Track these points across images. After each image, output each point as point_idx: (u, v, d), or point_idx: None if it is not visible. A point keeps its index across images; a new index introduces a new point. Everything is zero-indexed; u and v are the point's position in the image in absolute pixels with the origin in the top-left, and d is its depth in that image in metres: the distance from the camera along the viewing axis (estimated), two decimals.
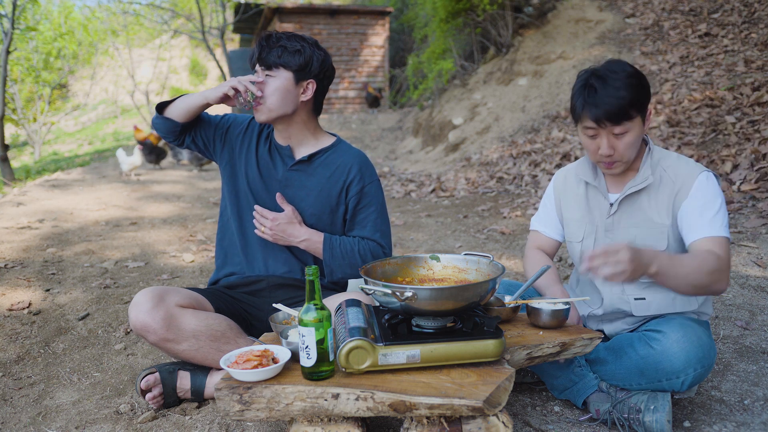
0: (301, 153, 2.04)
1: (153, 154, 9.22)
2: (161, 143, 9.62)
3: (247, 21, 17.31)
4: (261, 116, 1.95)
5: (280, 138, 2.05)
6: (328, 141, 2.07)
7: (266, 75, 1.92)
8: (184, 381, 1.87)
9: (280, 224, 1.94)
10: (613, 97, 1.60)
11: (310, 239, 1.96)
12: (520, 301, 1.79)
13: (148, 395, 1.84)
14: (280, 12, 14.73)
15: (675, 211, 1.71)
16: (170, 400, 1.87)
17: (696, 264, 1.55)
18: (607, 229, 1.81)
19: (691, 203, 1.67)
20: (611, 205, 1.80)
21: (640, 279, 1.53)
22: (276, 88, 1.91)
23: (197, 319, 1.75)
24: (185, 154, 9.66)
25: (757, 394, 1.88)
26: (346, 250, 1.96)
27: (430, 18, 10.70)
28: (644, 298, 1.77)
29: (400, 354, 1.40)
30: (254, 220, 1.98)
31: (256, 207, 1.97)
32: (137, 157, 8.14)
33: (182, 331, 1.73)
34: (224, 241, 2.11)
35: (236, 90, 1.88)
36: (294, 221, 1.95)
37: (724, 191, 4.20)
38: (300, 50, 1.92)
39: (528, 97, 8.35)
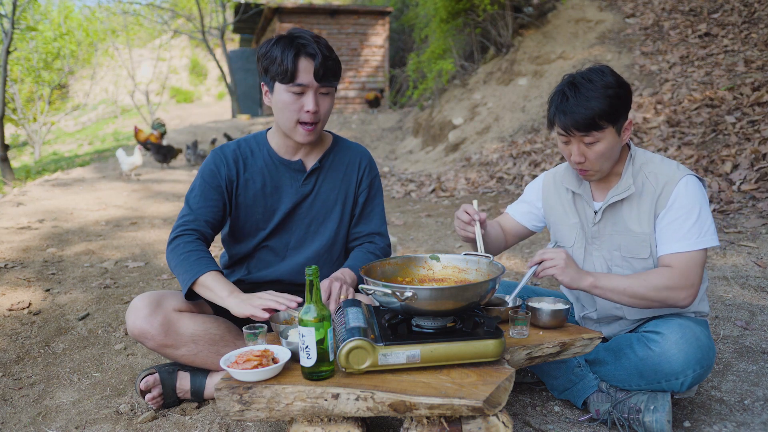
0: (310, 162, 1.97)
1: (160, 153, 9.25)
2: (166, 142, 9.63)
3: (247, 21, 17.33)
4: (314, 138, 1.86)
5: (290, 154, 1.95)
6: (328, 140, 2.05)
7: (321, 93, 1.80)
8: (183, 381, 1.86)
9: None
10: (582, 107, 1.61)
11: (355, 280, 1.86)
12: (520, 301, 1.79)
13: (148, 396, 1.83)
14: (280, 12, 14.73)
15: (655, 219, 1.70)
16: (170, 400, 1.86)
17: (638, 279, 1.61)
18: (594, 236, 1.82)
19: (668, 214, 1.67)
20: (595, 213, 1.80)
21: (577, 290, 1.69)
22: (331, 105, 1.85)
23: (195, 324, 1.74)
24: (190, 155, 9.66)
25: (757, 394, 1.88)
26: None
27: (431, 18, 10.71)
28: None
29: (400, 354, 1.40)
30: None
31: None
32: (137, 156, 8.14)
33: (181, 336, 1.72)
34: (232, 249, 2.06)
35: (271, 310, 1.59)
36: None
37: (723, 191, 4.20)
38: (339, 61, 1.84)
39: (528, 97, 8.35)
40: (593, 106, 1.60)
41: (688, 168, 1.74)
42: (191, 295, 1.74)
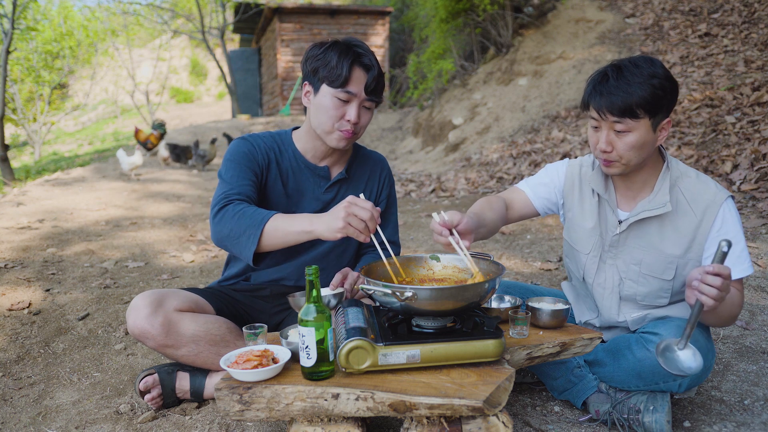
0: (336, 170, 1.96)
1: (175, 153, 9.38)
2: (163, 139, 9.62)
3: (247, 21, 17.33)
4: (348, 145, 1.84)
5: (318, 159, 1.93)
6: (350, 148, 2.02)
7: (365, 106, 1.80)
8: (183, 382, 1.86)
9: None
10: (622, 90, 1.52)
11: None
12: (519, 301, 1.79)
13: (147, 396, 1.83)
14: (280, 12, 14.73)
15: (697, 244, 1.64)
16: (169, 400, 1.86)
17: (729, 306, 1.57)
18: (612, 245, 1.74)
19: (716, 241, 1.61)
20: (620, 222, 1.72)
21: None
22: (370, 120, 1.85)
23: (196, 324, 1.74)
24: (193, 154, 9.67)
25: (757, 394, 1.88)
26: None
27: (430, 18, 10.71)
28: (640, 314, 1.77)
29: (400, 354, 1.40)
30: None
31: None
32: (138, 156, 8.16)
33: (181, 336, 1.72)
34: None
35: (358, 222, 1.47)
36: None
37: (731, 194, 4.21)
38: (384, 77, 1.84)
39: (528, 97, 8.35)
40: (633, 90, 1.51)
41: (722, 187, 1.67)
42: (258, 259, 1.63)
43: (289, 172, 1.92)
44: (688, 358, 1.44)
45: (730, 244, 1.37)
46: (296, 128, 1.98)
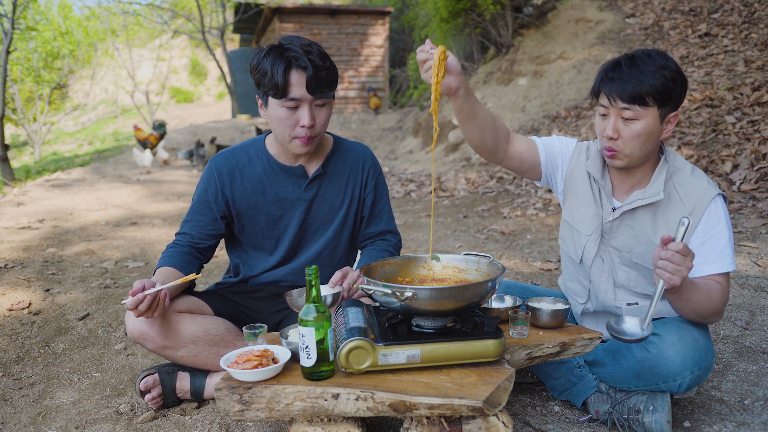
0: (312, 167, 1.94)
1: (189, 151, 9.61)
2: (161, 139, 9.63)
3: (247, 21, 17.33)
4: (312, 149, 1.83)
5: (291, 160, 1.91)
6: (328, 144, 2.00)
7: (317, 105, 1.75)
8: (183, 382, 1.86)
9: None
10: (633, 77, 1.55)
11: None
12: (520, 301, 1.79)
13: (147, 396, 1.83)
14: (280, 12, 14.73)
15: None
16: (169, 400, 1.86)
17: (705, 297, 1.56)
18: (605, 231, 1.76)
19: (701, 234, 1.63)
20: (613, 210, 1.75)
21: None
22: (328, 115, 1.81)
23: (195, 325, 1.74)
24: (183, 153, 9.69)
25: (757, 394, 1.88)
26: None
27: (431, 18, 10.71)
28: (637, 303, 1.77)
29: (400, 354, 1.40)
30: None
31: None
32: (148, 153, 8.33)
33: (181, 338, 1.72)
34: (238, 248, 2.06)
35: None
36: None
37: (724, 191, 4.20)
38: (335, 68, 1.79)
39: (528, 97, 8.35)
40: (645, 78, 1.54)
41: (714, 184, 1.69)
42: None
43: (264, 178, 1.91)
44: (635, 326, 1.50)
45: (689, 220, 1.41)
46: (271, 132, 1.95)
